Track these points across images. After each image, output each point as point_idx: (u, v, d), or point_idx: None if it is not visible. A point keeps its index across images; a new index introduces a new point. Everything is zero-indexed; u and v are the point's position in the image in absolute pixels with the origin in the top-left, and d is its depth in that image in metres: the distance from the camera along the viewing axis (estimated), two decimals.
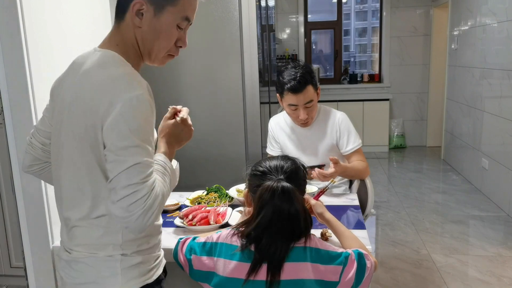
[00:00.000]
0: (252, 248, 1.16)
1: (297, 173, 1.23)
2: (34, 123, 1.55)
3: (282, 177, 1.18)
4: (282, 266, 1.13)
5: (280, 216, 1.13)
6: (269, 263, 1.13)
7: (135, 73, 1.10)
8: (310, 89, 2.03)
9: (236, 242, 1.19)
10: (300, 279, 1.13)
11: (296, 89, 2.01)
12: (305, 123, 2.13)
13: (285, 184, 1.15)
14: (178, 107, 1.35)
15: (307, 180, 1.33)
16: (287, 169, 1.21)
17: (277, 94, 2.13)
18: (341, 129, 2.15)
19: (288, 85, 2.02)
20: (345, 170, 2.06)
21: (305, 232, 1.17)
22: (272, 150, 2.29)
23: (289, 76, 2.03)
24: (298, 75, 2.02)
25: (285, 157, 1.27)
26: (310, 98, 2.04)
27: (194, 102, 2.47)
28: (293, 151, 2.20)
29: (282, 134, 2.24)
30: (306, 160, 2.20)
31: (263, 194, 1.15)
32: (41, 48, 1.58)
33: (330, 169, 1.93)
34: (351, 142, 2.15)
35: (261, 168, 1.23)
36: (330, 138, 2.16)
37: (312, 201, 1.50)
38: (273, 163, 1.23)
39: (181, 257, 1.29)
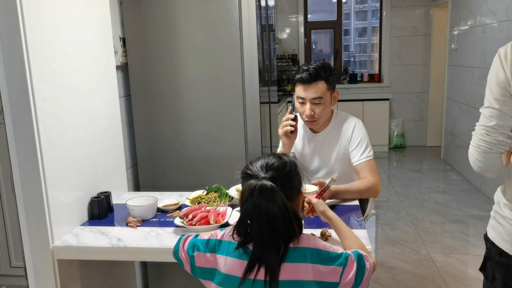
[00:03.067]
0: (251, 246, 1.16)
1: (281, 171, 1.19)
2: (34, 123, 1.55)
3: (264, 175, 1.17)
4: (278, 267, 1.13)
5: (259, 213, 1.12)
6: (267, 264, 1.13)
7: None
8: (321, 85, 1.97)
9: (237, 239, 1.19)
10: (299, 280, 1.13)
11: (306, 80, 1.96)
12: (311, 122, 2.05)
13: (265, 182, 1.14)
14: None
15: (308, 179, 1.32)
16: (271, 167, 1.19)
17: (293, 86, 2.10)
18: (352, 137, 2.05)
19: (299, 75, 1.98)
20: (337, 194, 1.87)
21: (286, 234, 1.13)
22: None
23: (304, 67, 2.00)
24: (312, 67, 1.97)
25: (273, 155, 1.25)
26: (319, 95, 1.97)
27: (194, 102, 2.47)
28: (306, 155, 2.16)
29: (298, 135, 2.17)
30: (318, 166, 2.17)
31: (244, 192, 1.16)
32: (41, 48, 1.58)
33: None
34: (359, 154, 2.02)
35: (247, 170, 1.22)
36: (343, 146, 2.07)
37: (314, 200, 1.50)
38: (259, 162, 1.22)
39: (183, 254, 1.29)
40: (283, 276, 1.13)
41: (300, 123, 2.12)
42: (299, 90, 2.01)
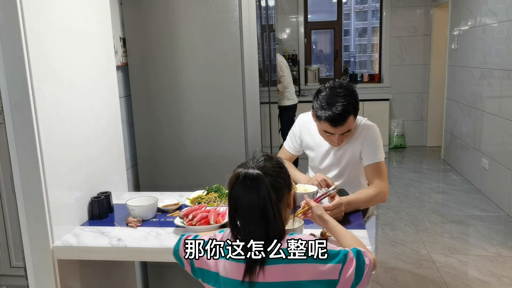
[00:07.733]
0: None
1: (268, 162, 1.20)
2: (34, 123, 1.55)
3: (252, 165, 1.18)
4: (260, 267, 1.13)
5: (242, 202, 1.13)
6: (253, 264, 1.13)
7: None
8: (350, 119, 1.88)
9: (233, 240, 1.19)
10: (296, 281, 1.13)
11: (336, 123, 1.86)
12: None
13: (251, 170, 1.14)
14: None
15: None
16: (259, 158, 1.20)
17: (312, 110, 1.97)
18: (366, 140, 2.01)
19: (327, 114, 1.84)
20: (349, 204, 1.77)
21: (263, 225, 1.13)
22: (290, 147, 2.21)
23: (330, 105, 1.85)
24: (341, 107, 1.83)
25: (261, 153, 1.26)
26: (349, 128, 1.91)
27: (194, 102, 2.47)
28: (316, 156, 2.15)
29: (307, 135, 2.15)
30: (330, 165, 2.14)
31: (231, 180, 1.17)
32: (41, 48, 1.58)
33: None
34: (369, 155, 1.98)
35: (237, 167, 1.23)
36: (356, 149, 2.04)
37: (312, 203, 1.50)
38: (250, 160, 1.23)
39: (183, 254, 1.29)
40: (280, 277, 1.13)
41: (316, 124, 2.02)
42: (327, 127, 1.90)
